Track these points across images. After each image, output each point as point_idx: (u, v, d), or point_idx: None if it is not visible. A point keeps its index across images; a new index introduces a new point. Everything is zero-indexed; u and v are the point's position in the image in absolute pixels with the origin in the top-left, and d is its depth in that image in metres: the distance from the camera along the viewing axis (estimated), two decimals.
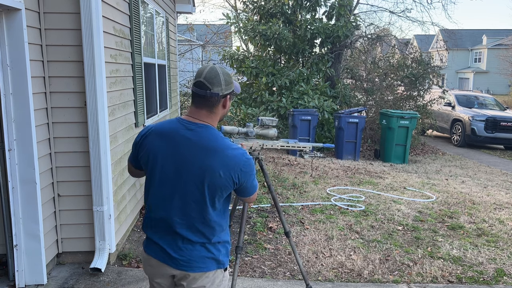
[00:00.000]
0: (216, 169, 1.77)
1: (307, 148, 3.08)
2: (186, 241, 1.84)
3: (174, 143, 1.82)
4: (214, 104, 1.83)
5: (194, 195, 1.80)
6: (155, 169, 1.85)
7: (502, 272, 4.00)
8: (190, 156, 1.79)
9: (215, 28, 16.94)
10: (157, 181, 1.85)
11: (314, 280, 3.74)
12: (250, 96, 11.18)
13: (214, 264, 1.89)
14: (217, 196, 1.82)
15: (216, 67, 1.85)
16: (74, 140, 3.63)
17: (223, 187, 1.80)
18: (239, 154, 1.82)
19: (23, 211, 3.31)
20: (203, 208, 1.81)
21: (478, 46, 41.92)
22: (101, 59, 3.55)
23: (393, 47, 13.38)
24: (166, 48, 6.80)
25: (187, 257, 1.84)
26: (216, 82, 1.81)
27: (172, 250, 1.85)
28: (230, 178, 1.79)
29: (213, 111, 1.85)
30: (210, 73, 1.81)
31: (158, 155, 1.84)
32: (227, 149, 1.80)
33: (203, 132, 1.81)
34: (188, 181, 1.79)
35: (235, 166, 1.79)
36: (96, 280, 3.58)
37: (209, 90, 1.80)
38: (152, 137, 1.88)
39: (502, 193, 6.93)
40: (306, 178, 7.08)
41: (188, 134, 1.81)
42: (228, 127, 2.79)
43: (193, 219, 1.82)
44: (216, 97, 1.82)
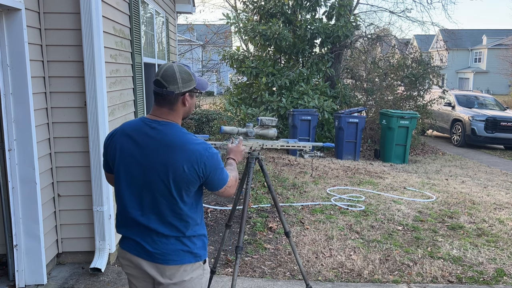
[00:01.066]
0: (180, 164, 1.79)
1: (307, 148, 3.08)
2: (161, 236, 1.86)
3: (138, 142, 1.86)
4: (172, 102, 1.86)
5: (162, 191, 1.83)
6: (121, 169, 1.89)
7: (502, 272, 4.00)
8: (154, 154, 1.82)
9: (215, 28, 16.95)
10: (124, 181, 1.89)
11: (314, 280, 3.74)
12: (250, 96, 11.18)
13: (190, 257, 1.91)
14: (184, 190, 1.84)
15: (173, 65, 1.87)
16: (74, 140, 3.63)
17: (189, 181, 1.82)
18: (202, 149, 1.84)
19: (23, 211, 3.31)
20: (172, 203, 1.84)
21: (478, 46, 41.92)
22: (101, 59, 3.55)
23: (393, 47, 13.38)
24: (166, 48, 6.80)
25: (162, 250, 1.86)
26: (172, 80, 1.83)
27: (147, 244, 1.87)
28: (195, 172, 1.81)
29: (173, 108, 1.88)
30: (167, 71, 1.83)
31: (124, 154, 1.88)
32: (190, 144, 1.83)
33: (165, 130, 1.84)
34: (155, 178, 1.82)
35: (198, 160, 1.81)
36: (96, 280, 3.58)
37: (165, 88, 1.83)
38: (117, 137, 1.92)
39: (502, 193, 6.93)
40: (306, 178, 7.08)
41: (151, 132, 1.85)
42: (228, 127, 2.79)
43: (164, 214, 1.85)
44: (172, 95, 1.84)
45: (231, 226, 3.26)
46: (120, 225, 1.96)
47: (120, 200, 1.93)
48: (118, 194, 1.94)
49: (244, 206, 2.96)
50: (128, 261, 1.96)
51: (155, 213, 1.85)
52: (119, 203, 1.95)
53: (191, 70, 1.94)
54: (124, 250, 1.96)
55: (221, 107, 13.59)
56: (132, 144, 1.87)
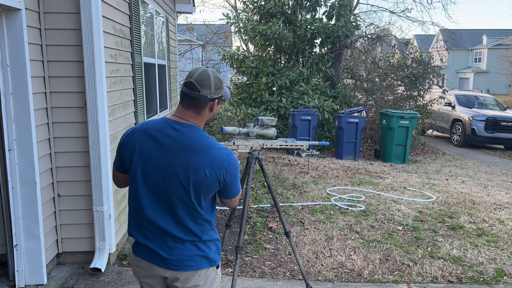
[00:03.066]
0: (202, 168, 1.76)
1: (304, 147, 3.09)
2: (177, 240, 1.83)
3: (159, 142, 1.81)
4: (201, 106, 1.84)
5: (180, 194, 1.79)
6: (139, 168, 1.83)
7: (502, 272, 4.00)
8: (176, 156, 1.78)
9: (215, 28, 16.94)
10: (142, 180, 1.83)
11: (314, 280, 3.74)
12: (250, 96, 11.17)
13: (206, 262, 1.88)
14: (203, 195, 1.81)
15: (208, 70, 1.85)
16: (74, 140, 3.63)
17: (209, 186, 1.80)
18: (225, 154, 1.81)
19: (23, 211, 3.31)
20: (190, 207, 1.80)
21: (478, 46, 41.91)
22: (101, 59, 3.55)
23: (393, 47, 13.37)
24: (166, 48, 6.80)
25: (178, 256, 1.83)
26: (206, 84, 1.81)
27: (162, 251, 1.83)
28: (216, 177, 1.79)
29: (200, 113, 1.85)
30: (202, 75, 1.81)
31: (143, 153, 1.82)
32: (213, 148, 1.80)
33: (189, 132, 1.81)
34: (174, 181, 1.78)
35: (220, 165, 1.79)
36: (96, 280, 3.57)
37: (198, 92, 1.80)
38: (136, 135, 1.86)
39: (502, 193, 6.93)
40: (306, 178, 7.08)
41: (174, 133, 1.81)
42: (229, 128, 2.80)
43: (181, 217, 1.81)
44: (204, 99, 1.82)
45: (231, 226, 3.26)
46: (134, 227, 1.90)
47: (135, 200, 1.87)
48: (133, 194, 1.87)
49: (244, 206, 2.97)
50: (140, 268, 1.92)
51: (172, 215, 1.82)
52: (134, 204, 1.88)
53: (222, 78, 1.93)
54: (138, 257, 1.91)
55: (221, 107, 13.59)
56: (152, 143, 1.82)
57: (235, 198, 1.95)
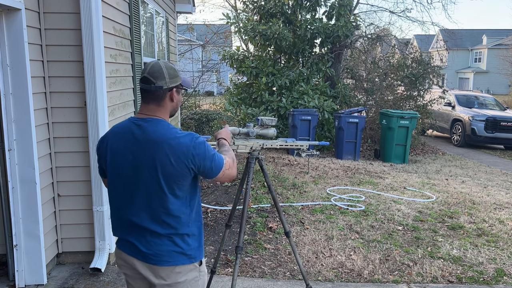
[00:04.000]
0: (166, 158, 1.79)
1: (304, 147, 3.09)
2: (154, 235, 1.86)
3: (126, 142, 1.87)
4: (160, 97, 1.88)
5: (153, 187, 1.83)
6: (113, 170, 1.91)
7: (502, 272, 4.00)
8: (142, 151, 1.83)
9: (215, 28, 16.93)
10: (117, 181, 1.90)
11: (314, 280, 3.74)
12: (250, 96, 11.17)
13: (184, 258, 1.90)
14: (176, 185, 1.83)
15: (159, 62, 1.89)
16: (74, 140, 3.63)
17: (179, 175, 1.82)
18: (188, 140, 1.83)
19: (23, 211, 3.31)
20: (163, 199, 1.83)
21: (478, 46, 41.91)
22: (101, 59, 3.55)
23: (393, 47, 13.37)
24: (166, 48, 6.80)
25: (155, 251, 1.87)
26: (160, 75, 1.85)
27: (141, 245, 1.88)
28: (184, 166, 1.81)
29: (160, 104, 1.89)
30: (154, 67, 1.86)
31: (114, 156, 1.90)
32: (174, 138, 1.82)
33: (151, 126, 1.85)
34: (145, 175, 1.83)
35: (186, 152, 1.81)
36: (96, 280, 3.57)
37: (154, 84, 1.85)
38: (107, 140, 1.94)
39: (502, 193, 6.93)
40: (306, 178, 7.08)
41: (137, 130, 1.86)
42: (229, 128, 2.79)
43: (156, 210, 1.85)
44: (160, 90, 1.86)
45: (231, 226, 3.26)
46: (116, 227, 1.97)
47: (114, 200, 1.94)
48: (112, 195, 1.95)
49: (244, 206, 2.96)
50: (123, 261, 1.97)
51: (148, 210, 1.85)
52: (113, 204, 1.96)
53: (176, 67, 1.96)
54: (120, 250, 1.97)
55: (221, 107, 13.59)
56: (121, 144, 1.88)
57: (222, 172, 1.92)
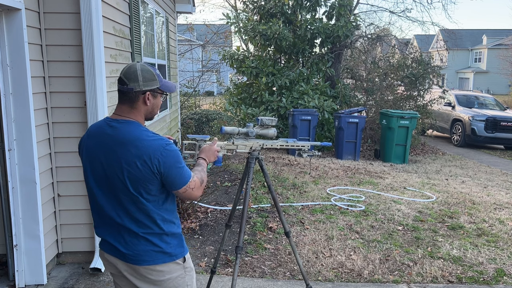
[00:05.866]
0: (133, 161, 1.78)
1: (305, 147, 3.08)
2: (132, 234, 1.86)
3: (98, 142, 1.88)
4: (133, 99, 1.86)
5: (122, 188, 1.83)
6: (88, 170, 1.92)
7: (502, 272, 4.00)
8: (111, 152, 1.83)
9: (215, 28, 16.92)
10: (93, 181, 1.91)
11: (314, 280, 3.74)
12: (250, 96, 11.17)
13: (163, 257, 1.89)
14: (142, 188, 1.81)
15: (137, 64, 1.88)
16: (74, 140, 3.63)
17: (144, 179, 1.79)
18: (157, 144, 1.80)
19: (23, 211, 3.31)
20: (134, 200, 1.83)
21: (478, 46, 41.91)
22: (101, 59, 3.55)
23: (393, 47, 13.37)
24: (166, 48, 6.80)
25: (134, 251, 1.87)
26: (133, 77, 1.84)
27: (120, 245, 1.88)
28: (149, 168, 1.78)
29: (133, 106, 1.88)
30: (129, 69, 1.86)
31: (89, 156, 1.91)
32: (143, 140, 1.80)
33: (123, 127, 1.85)
34: (114, 176, 1.83)
35: (151, 155, 1.78)
36: (96, 280, 3.58)
37: (126, 85, 1.85)
38: (84, 140, 1.96)
39: (502, 193, 6.93)
40: (306, 178, 7.08)
41: (109, 131, 1.86)
42: (229, 128, 2.79)
43: (131, 211, 1.85)
44: (131, 91, 1.85)
45: (231, 226, 3.26)
46: (97, 225, 1.98)
47: (92, 200, 1.95)
48: (90, 194, 1.95)
49: (244, 206, 2.96)
50: (107, 261, 1.99)
51: (123, 209, 1.86)
52: (91, 203, 1.97)
53: (156, 71, 1.93)
54: (102, 251, 1.99)
55: (221, 107, 13.59)
56: (94, 144, 1.89)
57: (185, 188, 1.88)
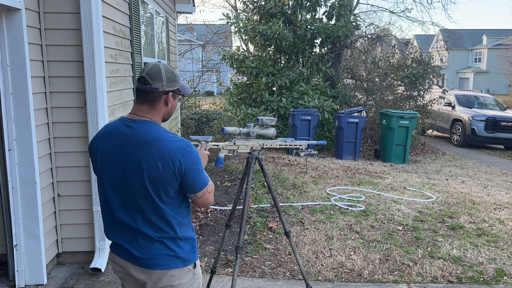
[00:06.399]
0: (154, 162, 1.75)
1: (302, 146, 3.11)
2: (147, 238, 1.83)
3: (115, 142, 1.83)
4: (154, 99, 1.83)
5: (141, 191, 1.79)
6: (103, 171, 1.87)
7: (502, 272, 4.00)
8: (130, 153, 1.78)
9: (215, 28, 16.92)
10: (107, 182, 1.86)
11: (314, 280, 3.74)
12: (250, 96, 11.17)
13: (177, 262, 1.87)
14: (162, 190, 1.78)
15: (160, 64, 1.85)
16: (74, 140, 3.63)
17: (165, 180, 1.76)
18: (179, 145, 1.77)
19: (23, 211, 3.31)
20: (152, 203, 1.80)
21: (478, 46, 41.91)
22: (101, 59, 3.55)
23: (393, 47, 13.37)
24: (166, 48, 6.80)
25: (148, 255, 1.84)
26: (157, 77, 1.81)
27: (134, 249, 1.85)
28: (170, 170, 1.75)
29: (154, 106, 1.84)
30: (153, 68, 1.83)
31: (104, 156, 1.85)
32: (164, 141, 1.77)
33: (142, 128, 1.80)
34: (132, 178, 1.78)
35: (173, 156, 1.75)
36: (96, 280, 3.57)
37: (150, 85, 1.81)
38: (98, 140, 1.90)
39: (502, 193, 6.93)
40: (306, 178, 7.08)
41: (127, 131, 1.81)
42: (230, 128, 2.80)
43: (148, 214, 1.81)
44: (156, 92, 1.82)
45: (231, 226, 3.26)
46: (108, 228, 1.94)
47: (104, 202, 1.90)
48: (102, 197, 1.91)
49: (244, 206, 2.97)
50: (117, 265, 1.96)
51: (139, 213, 1.82)
52: (104, 206, 1.92)
53: (176, 72, 1.93)
54: (113, 254, 1.96)
55: (221, 107, 13.58)
56: (110, 144, 1.84)
57: (202, 193, 1.87)
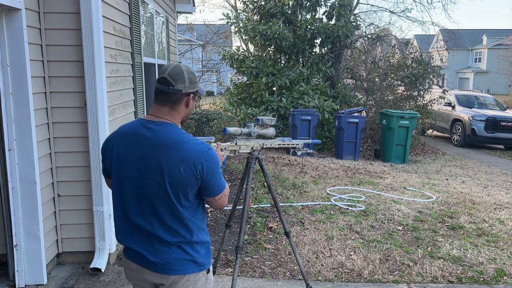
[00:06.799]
0: (176, 165, 1.72)
1: (299, 145, 3.13)
2: (163, 243, 1.79)
3: (134, 144, 1.79)
4: (176, 101, 1.80)
5: (160, 194, 1.75)
6: (119, 173, 1.82)
7: (502, 272, 4.00)
8: (150, 155, 1.75)
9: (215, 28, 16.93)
10: (123, 184, 1.82)
11: (314, 280, 3.74)
12: (250, 96, 11.17)
13: (193, 266, 1.84)
14: (182, 193, 1.76)
15: (181, 65, 1.83)
16: (74, 140, 3.63)
17: (186, 184, 1.74)
18: (200, 149, 1.75)
19: (23, 211, 3.31)
20: (171, 207, 1.76)
21: (478, 46, 41.91)
22: (101, 59, 3.55)
23: (393, 47, 13.37)
24: (166, 48, 6.80)
25: (164, 259, 1.80)
26: (180, 78, 1.78)
27: (149, 254, 1.80)
28: (192, 173, 1.73)
29: (175, 108, 1.81)
30: (175, 70, 1.79)
31: (120, 158, 1.81)
32: (186, 144, 1.75)
33: (162, 130, 1.77)
34: (152, 181, 1.75)
35: (195, 160, 1.73)
36: (96, 280, 3.57)
37: (172, 87, 1.77)
38: (114, 141, 1.85)
39: (502, 193, 6.93)
40: (306, 178, 7.08)
41: (147, 133, 1.78)
42: (232, 128, 2.81)
43: (165, 218, 1.78)
44: (179, 93, 1.79)
45: (231, 226, 3.26)
46: (121, 232, 1.88)
47: (119, 205, 1.86)
48: (117, 199, 1.86)
49: (244, 206, 2.97)
50: (131, 271, 1.91)
51: (156, 217, 1.78)
52: (118, 208, 1.87)
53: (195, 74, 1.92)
54: (127, 260, 1.90)
55: (221, 107, 13.58)
56: (128, 146, 1.80)
57: (220, 196, 1.87)
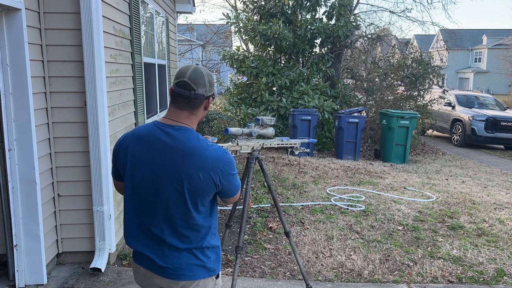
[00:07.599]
0: (195, 172, 1.69)
1: (297, 145, 3.14)
2: (173, 248, 1.77)
3: (150, 148, 1.75)
4: (196, 105, 1.77)
5: (176, 200, 1.72)
6: (133, 176, 1.78)
7: (502, 272, 4.00)
8: (168, 161, 1.71)
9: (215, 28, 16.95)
10: (136, 188, 1.78)
11: (314, 280, 3.74)
12: (250, 96, 11.17)
13: (204, 272, 1.82)
14: (200, 199, 1.74)
15: (200, 67, 1.79)
16: (74, 140, 3.63)
17: (205, 190, 1.73)
18: (219, 155, 1.74)
19: (23, 211, 3.31)
20: (186, 213, 1.74)
21: (478, 46, 41.91)
22: (101, 59, 3.55)
23: (393, 47, 13.37)
24: (166, 48, 6.80)
25: (174, 265, 1.77)
26: (201, 83, 1.74)
27: (159, 259, 1.78)
28: (211, 180, 1.72)
29: (194, 112, 1.78)
30: (195, 73, 1.75)
31: (135, 161, 1.77)
32: (205, 150, 1.73)
33: (180, 135, 1.74)
34: (168, 187, 1.71)
35: (215, 167, 1.72)
36: (96, 280, 3.57)
37: (194, 91, 1.73)
38: (128, 143, 1.80)
39: (502, 193, 6.93)
40: (306, 178, 7.08)
41: (164, 137, 1.74)
42: (234, 129, 2.82)
43: (178, 224, 1.75)
44: (201, 98, 1.76)
45: (231, 226, 3.26)
46: (130, 235, 1.85)
47: (130, 208, 1.82)
48: (128, 202, 1.83)
49: (244, 206, 2.97)
50: (140, 275, 1.89)
51: (168, 223, 1.75)
52: (129, 212, 1.83)
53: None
54: (136, 264, 1.88)
55: (221, 107, 13.59)
56: (143, 150, 1.75)
57: (238, 193, 1.92)
